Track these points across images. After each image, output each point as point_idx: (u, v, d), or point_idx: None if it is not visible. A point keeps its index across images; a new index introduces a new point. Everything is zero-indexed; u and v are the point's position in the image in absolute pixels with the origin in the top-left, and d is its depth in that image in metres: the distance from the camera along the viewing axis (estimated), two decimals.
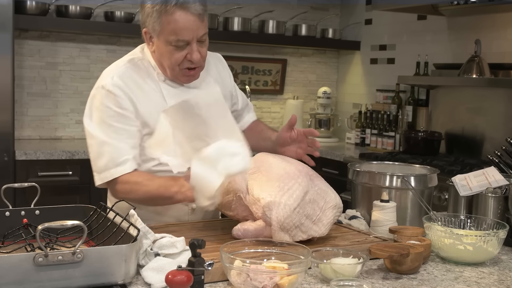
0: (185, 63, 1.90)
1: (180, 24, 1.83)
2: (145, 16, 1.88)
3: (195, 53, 1.88)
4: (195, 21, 1.84)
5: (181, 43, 1.86)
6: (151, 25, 1.88)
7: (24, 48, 4.04)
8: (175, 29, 1.83)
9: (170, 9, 1.81)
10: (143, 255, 1.43)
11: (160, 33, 1.87)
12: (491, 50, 3.70)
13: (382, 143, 4.28)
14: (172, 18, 1.82)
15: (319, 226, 1.73)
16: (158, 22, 1.85)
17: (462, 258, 1.63)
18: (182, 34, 1.84)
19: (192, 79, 1.98)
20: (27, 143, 3.88)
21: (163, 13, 1.83)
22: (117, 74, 1.93)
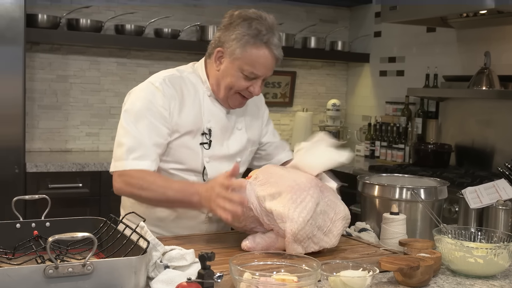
0: (244, 91, 2.00)
1: (261, 60, 1.94)
2: (230, 38, 1.96)
3: (258, 88, 1.99)
4: (272, 63, 1.98)
5: (252, 76, 1.96)
6: (231, 48, 1.95)
7: (35, 61, 4.07)
8: (255, 62, 1.94)
9: (259, 43, 1.93)
10: (152, 267, 1.44)
11: (238, 59, 1.95)
12: (500, 62, 3.69)
13: (391, 156, 4.26)
14: (257, 52, 1.93)
15: (330, 237, 1.73)
16: (242, 49, 1.94)
17: (472, 271, 1.62)
18: (258, 69, 1.95)
19: (239, 106, 2.08)
20: (38, 155, 3.90)
21: (250, 43, 1.93)
22: (168, 78, 2.01)
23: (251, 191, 1.74)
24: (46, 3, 4.06)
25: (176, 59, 4.47)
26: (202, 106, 2.04)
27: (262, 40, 1.92)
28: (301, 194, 1.70)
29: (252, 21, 1.94)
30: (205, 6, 4.55)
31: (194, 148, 2.02)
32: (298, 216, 1.66)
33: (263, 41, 1.93)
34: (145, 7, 4.35)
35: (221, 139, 2.07)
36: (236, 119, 2.13)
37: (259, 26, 1.93)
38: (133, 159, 1.90)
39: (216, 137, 2.05)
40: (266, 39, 1.93)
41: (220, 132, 2.06)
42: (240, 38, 1.93)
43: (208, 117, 2.04)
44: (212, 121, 2.04)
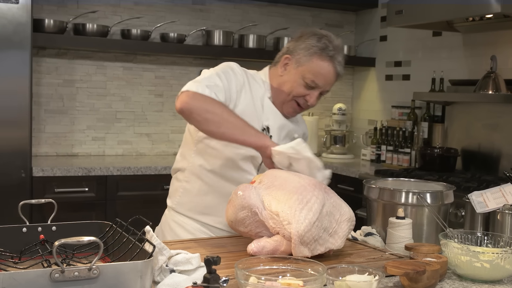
0: (300, 99, 2.11)
1: (323, 71, 2.07)
2: (299, 47, 2.10)
3: (314, 98, 2.11)
4: (333, 76, 2.10)
5: (312, 84, 2.08)
6: (298, 56, 2.09)
7: (42, 66, 4.09)
8: (316, 72, 2.07)
9: (324, 56, 2.06)
10: (158, 272, 1.44)
11: (302, 66, 2.08)
12: (507, 66, 3.69)
13: (397, 160, 4.26)
14: (321, 63, 2.07)
15: (336, 239, 1.73)
16: (308, 58, 2.07)
17: (479, 276, 1.62)
18: (319, 79, 2.07)
19: (292, 114, 2.18)
20: (44, 160, 3.91)
21: (317, 54, 2.06)
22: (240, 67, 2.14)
23: (256, 195, 1.74)
24: (52, 8, 4.08)
25: (182, 63, 4.49)
26: (263, 104, 2.13)
27: (328, 54, 2.06)
28: (307, 195, 1.70)
29: (322, 37, 2.09)
30: (211, 11, 4.56)
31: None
32: (304, 218, 1.66)
33: (328, 55, 2.06)
34: (151, 12, 4.37)
35: (277, 139, 2.13)
36: (294, 127, 2.23)
37: (327, 42, 2.08)
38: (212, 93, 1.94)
39: (274, 135, 2.13)
40: (332, 54, 2.07)
41: (278, 132, 2.14)
42: (308, 48, 2.08)
43: (267, 114, 2.13)
44: (270, 119, 2.13)
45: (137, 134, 4.37)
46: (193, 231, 2.14)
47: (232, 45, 4.42)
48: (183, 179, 2.17)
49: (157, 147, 4.45)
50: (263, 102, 2.14)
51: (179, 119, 4.40)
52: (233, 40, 4.43)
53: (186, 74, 4.49)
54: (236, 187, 1.80)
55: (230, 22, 4.60)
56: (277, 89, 2.15)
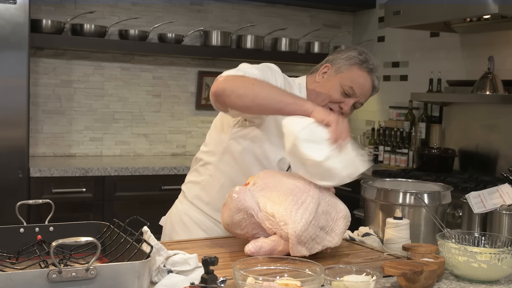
0: (335, 106, 2.12)
1: (360, 80, 2.12)
2: (340, 57, 2.15)
3: (348, 106, 2.13)
4: (369, 88, 2.15)
5: (348, 91, 2.11)
6: (339, 64, 2.14)
7: (39, 66, 4.09)
8: (355, 80, 2.11)
9: (364, 67, 2.13)
10: (156, 272, 1.44)
11: (341, 73, 2.13)
12: (504, 66, 3.69)
13: (395, 160, 4.26)
14: (360, 72, 2.13)
15: (333, 236, 1.73)
16: (348, 67, 2.13)
17: (476, 276, 1.62)
18: (356, 87, 2.11)
19: None
20: (42, 160, 3.91)
21: (357, 64, 2.13)
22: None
23: (251, 198, 1.74)
24: (50, 8, 4.08)
25: (180, 64, 4.49)
26: None
27: (368, 66, 2.13)
28: (302, 195, 1.70)
29: (363, 52, 2.16)
30: (209, 11, 4.56)
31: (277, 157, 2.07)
32: (301, 218, 1.66)
33: (368, 67, 2.13)
34: (149, 12, 4.37)
35: None
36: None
37: (367, 57, 2.15)
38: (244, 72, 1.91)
39: None
40: (371, 67, 2.13)
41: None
42: (349, 58, 2.14)
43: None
44: None
45: (135, 135, 4.36)
46: (207, 230, 2.13)
47: (230, 46, 4.42)
48: (207, 173, 2.14)
49: (154, 147, 4.45)
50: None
51: (176, 120, 4.40)
52: (231, 41, 4.43)
53: (184, 74, 4.48)
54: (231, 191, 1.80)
55: (228, 23, 4.60)
56: (311, 94, 2.14)
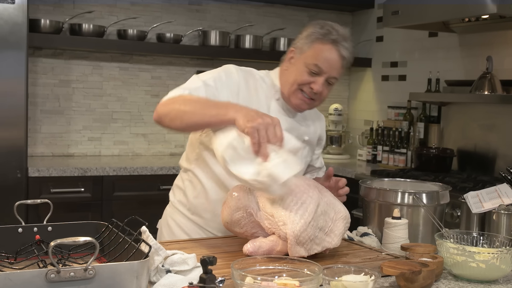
0: (306, 87, 2.03)
1: (325, 54, 1.99)
2: (301, 37, 2.05)
3: (319, 85, 2.01)
4: (337, 60, 2.01)
5: (315, 69, 2.00)
6: (301, 45, 2.03)
7: (38, 66, 4.08)
8: (319, 56, 1.99)
9: (326, 40, 1.99)
10: (154, 272, 1.44)
11: (304, 53, 2.02)
12: (503, 66, 3.69)
13: (393, 160, 4.26)
14: (323, 46, 1.99)
15: (332, 237, 1.73)
16: (309, 45, 2.01)
17: (474, 276, 1.62)
18: (322, 63, 1.99)
19: (300, 106, 2.08)
20: (40, 160, 3.91)
21: (318, 40, 2.00)
22: (241, 69, 2.08)
23: (251, 196, 1.74)
24: (48, 8, 4.08)
25: (178, 64, 4.48)
26: (269, 106, 2.08)
27: (330, 38, 1.99)
28: (301, 196, 1.70)
29: (325, 25, 2.03)
30: (207, 11, 4.56)
31: None
32: (300, 219, 1.66)
33: (331, 38, 1.99)
34: (147, 12, 4.37)
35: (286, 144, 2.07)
36: (305, 130, 2.18)
37: (330, 29, 2.01)
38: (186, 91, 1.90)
39: None
40: (334, 38, 1.99)
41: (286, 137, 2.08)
42: (309, 35, 2.02)
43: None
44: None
45: (133, 135, 4.36)
46: (189, 232, 2.14)
47: (228, 46, 4.42)
48: (187, 178, 2.16)
49: (153, 147, 4.45)
50: (269, 104, 2.09)
51: None
52: (229, 41, 4.43)
53: (182, 74, 4.48)
54: (231, 189, 1.80)
55: (227, 23, 4.60)
56: (283, 84, 2.09)
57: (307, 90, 2.03)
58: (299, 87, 2.03)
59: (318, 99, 2.07)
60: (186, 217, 2.16)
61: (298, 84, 2.03)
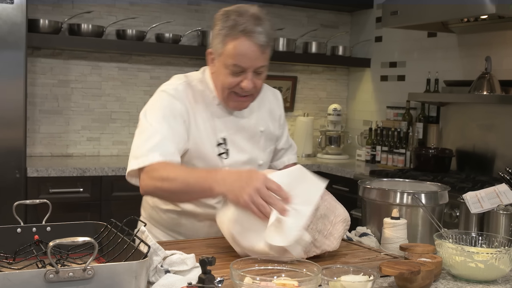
0: (236, 88, 1.93)
1: (240, 50, 1.85)
2: (213, 36, 1.93)
3: (248, 81, 1.90)
4: (255, 51, 1.86)
5: (237, 69, 1.89)
6: (215, 45, 1.92)
7: (36, 66, 4.08)
8: (235, 54, 1.86)
9: (236, 33, 1.84)
10: (153, 272, 1.44)
11: (221, 55, 1.90)
12: (501, 67, 3.70)
13: (392, 160, 4.26)
14: (235, 42, 1.85)
15: (331, 240, 1.73)
16: (222, 44, 1.88)
17: (473, 276, 1.62)
18: (240, 61, 1.87)
19: (240, 106, 2.01)
20: (39, 160, 3.90)
21: (228, 36, 1.86)
22: (180, 85, 2.00)
23: None
24: (47, 8, 4.07)
25: (177, 64, 4.48)
26: (213, 116, 2.01)
27: (239, 29, 1.84)
28: None
29: (230, 15, 1.88)
30: (206, 11, 4.56)
31: (212, 160, 1.99)
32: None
33: (239, 30, 1.84)
34: (146, 12, 4.36)
35: (239, 145, 2.05)
36: (257, 121, 2.11)
37: (236, 17, 1.86)
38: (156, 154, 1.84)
39: (233, 144, 2.03)
40: (243, 28, 1.84)
41: (237, 137, 2.04)
42: (219, 34, 1.89)
43: (220, 126, 2.01)
44: (224, 129, 2.02)
45: (132, 135, 4.31)
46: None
47: None
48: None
49: None
50: (213, 113, 2.01)
51: None
52: None
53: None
54: None
55: None
56: (216, 88, 1.99)
57: (239, 90, 1.93)
58: (230, 91, 1.94)
59: (254, 92, 1.97)
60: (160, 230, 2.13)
61: (228, 88, 1.93)
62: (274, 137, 2.19)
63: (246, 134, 2.07)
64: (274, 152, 2.25)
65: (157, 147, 1.86)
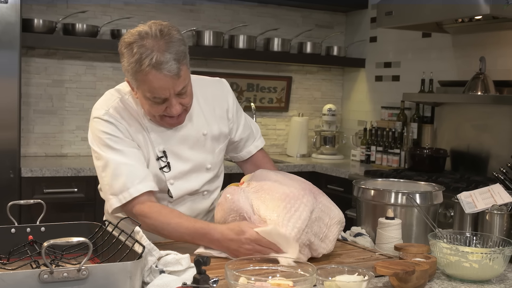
0: (165, 113, 1.88)
1: (154, 84, 1.78)
2: (124, 69, 1.84)
3: (174, 107, 1.84)
4: (169, 81, 1.78)
5: (158, 100, 1.83)
6: (129, 78, 1.85)
7: (31, 66, 4.07)
8: (150, 88, 1.80)
9: (144, 69, 1.76)
10: (148, 272, 1.43)
11: (138, 89, 1.85)
12: (496, 67, 3.71)
13: (387, 160, 4.27)
14: (147, 78, 1.78)
15: (326, 243, 1.73)
16: (134, 79, 1.82)
17: (467, 276, 1.63)
18: (158, 93, 1.80)
19: (176, 124, 1.95)
20: (33, 160, 3.89)
21: (138, 72, 1.78)
22: (112, 106, 1.94)
23: (245, 199, 1.74)
24: (42, 8, 4.06)
25: None
26: (147, 131, 1.96)
27: (148, 64, 1.75)
28: (295, 203, 1.70)
29: (133, 45, 1.78)
30: (201, 11, 4.55)
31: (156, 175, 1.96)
32: (293, 228, 1.66)
33: (147, 64, 1.75)
34: (141, 12, 4.36)
35: (182, 154, 2.00)
36: (197, 127, 2.03)
37: (139, 49, 1.76)
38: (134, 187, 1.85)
39: (174, 155, 1.99)
40: (149, 62, 1.75)
41: (178, 147, 1.99)
42: (128, 70, 1.82)
43: (156, 140, 1.96)
44: (162, 142, 1.97)
45: None
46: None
47: (222, 46, 4.41)
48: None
49: None
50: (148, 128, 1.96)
51: None
52: (223, 41, 4.43)
53: None
54: (225, 190, 1.80)
55: (220, 23, 4.60)
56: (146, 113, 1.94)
57: (168, 114, 1.88)
58: (160, 115, 1.89)
59: (184, 110, 1.91)
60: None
61: (156, 116, 1.89)
62: (222, 135, 2.11)
63: (188, 142, 2.02)
64: (233, 145, 2.19)
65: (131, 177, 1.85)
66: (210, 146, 2.07)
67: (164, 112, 1.87)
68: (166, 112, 1.87)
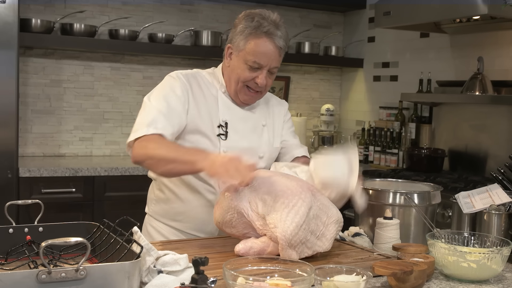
0: (250, 83, 2.08)
1: (261, 49, 2.03)
2: (235, 33, 2.08)
3: (263, 78, 2.06)
4: (274, 52, 2.04)
5: (255, 65, 2.04)
6: (237, 42, 2.07)
7: (29, 66, 4.07)
8: (256, 51, 2.03)
9: (259, 33, 2.02)
10: (146, 272, 1.43)
11: (242, 51, 2.06)
12: (494, 67, 3.71)
13: (385, 160, 4.27)
14: (258, 41, 2.03)
15: (323, 241, 1.73)
16: (245, 41, 2.05)
17: (466, 276, 1.63)
18: (260, 58, 2.04)
19: (249, 100, 2.15)
20: (31, 160, 3.89)
21: (252, 34, 2.03)
22: (185, 73, 2.14)
23: (243, 197, 1.74)
24: (39, 7, 4.06)
25: (170, 64, 4.48)
26: (217, 100, 2.13)
27: (262, 30, 2.02)
28: (293, 199, 1.70)
29: (255, 16, 2.05)
30: (199, 11, 4.55)
31: (209, 137, 2.08)
32: (291, 222, 1.65)
33: (263, 31, 2.02)
34: (139, 12, 4.36)
35: (240, 132, 2.13)
36: (260, 116, 2.21)
37: (261, 20, 2.04)
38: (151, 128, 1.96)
39: (234, 129, 2.12)
40: (266, 30, 2.02)
41: (239, 125, 2.14)
42: (243, 31, 2.05)
43: (223, 110, 2.12)
44: (227, 114, 2.13)
45: (125, 135, 4.34)
46: (167, 235, 2.18)
47: (220, 46, 4.41)
48: (156, 187, 2.24)
49: None
50: (217, 99, 2.14)
51: None
52: (221, 41, 4.43)
53: None
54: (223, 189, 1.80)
55: (219, 23, 4.59)
56: (228, 81, 2.14)
57: (252, 85, 2.09)
58: (244, 84, 2.09)
59: (263, 91, 2.14)
60: (163, 223, 2.21)
61: (243, 81, 2.09)
62: (278, 134, 2.27)
63: (249, 124, 2.17)
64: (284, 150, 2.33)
65: (153, 121, 1.97)
66: (268, 139, 2.22)
67: (251, 81, 2.07)
68: (252, 81, 2.07)
